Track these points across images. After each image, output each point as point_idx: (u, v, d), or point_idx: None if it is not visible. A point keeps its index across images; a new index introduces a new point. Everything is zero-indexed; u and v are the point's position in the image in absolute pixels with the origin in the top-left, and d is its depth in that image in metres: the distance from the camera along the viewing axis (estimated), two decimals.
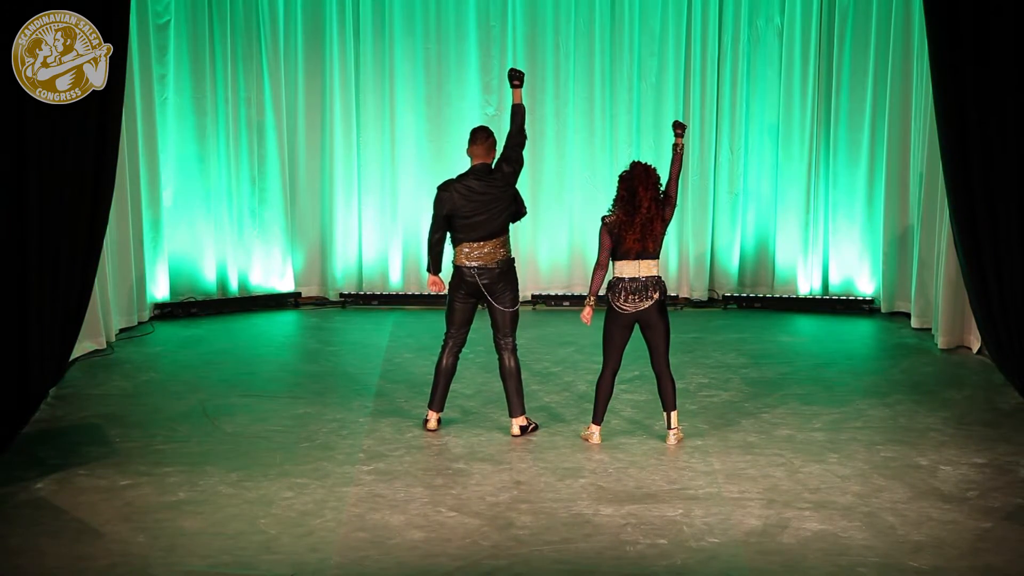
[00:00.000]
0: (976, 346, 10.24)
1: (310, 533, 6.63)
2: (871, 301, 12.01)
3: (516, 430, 8.25)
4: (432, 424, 8.36)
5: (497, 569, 6.23)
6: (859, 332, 11.33)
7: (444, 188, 8.15)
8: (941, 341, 10.48)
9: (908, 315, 11.42)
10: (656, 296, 7.88)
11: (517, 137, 8.17)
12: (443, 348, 8.36)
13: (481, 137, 8.17)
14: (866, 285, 12.11)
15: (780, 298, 12.21)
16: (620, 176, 7.85)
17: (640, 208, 7.74)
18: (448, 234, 8.22)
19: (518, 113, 8.21)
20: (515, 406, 8.27)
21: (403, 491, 7.22)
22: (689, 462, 7.72)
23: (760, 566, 6.28)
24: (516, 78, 8.24)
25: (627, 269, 7.86)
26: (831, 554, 6.41)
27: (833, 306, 12.06)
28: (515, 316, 8.26)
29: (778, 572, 6.23)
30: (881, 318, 11.74)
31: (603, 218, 7.89)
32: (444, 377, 8.35)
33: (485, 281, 8.12)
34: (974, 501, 7.12)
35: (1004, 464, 7.72)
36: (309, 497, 7.12)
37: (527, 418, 8.32)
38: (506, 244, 8.18)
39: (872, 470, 7.60)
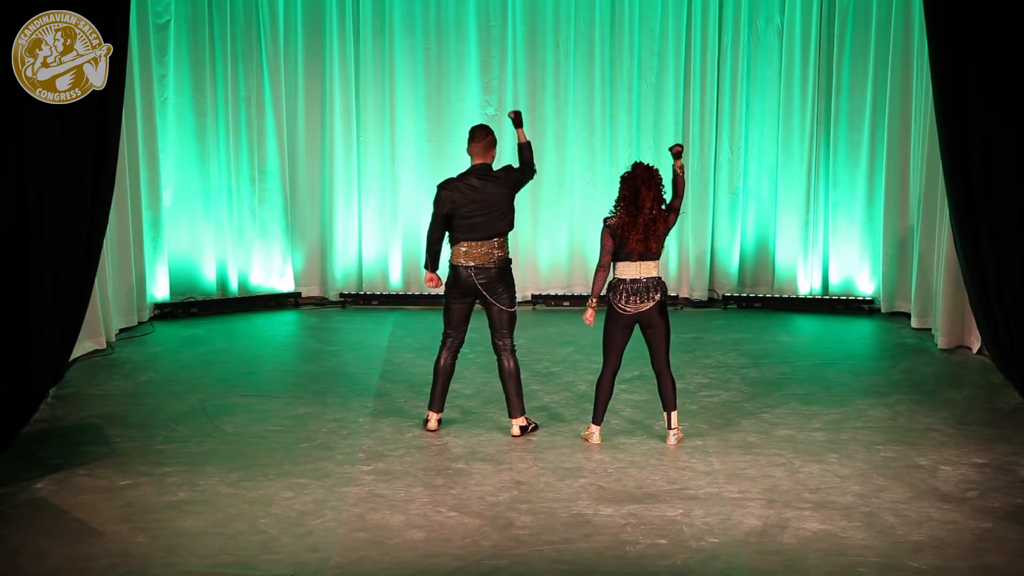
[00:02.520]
0: (976, 346, 10.24)
1: (310, 533, 6.63)
2: (871, 301, 12.01)
3: (516, 431, 8.24)
4: (432, 424, 8.35)
5: (497, 569, 6.23)
6: (859, 332, 11.33)
7: (445, 187, 8.14)
8: (941, 341, 10.48)
9: (908, 315, 11.42)
10: (657, 297, 7.88)
11: (529, 166, 8.29)
12: (441, 348, 8.36)
13: (480, 135, 8.16)
14: (866, 285, 12.11)
15: (780, 298, 12.21)
16: (622, 177, 7.84)
17: (643, 208, 7.73)
18: (447, 234, 8.23)
19: (526, 149, 8.31)
20: (515, 407, 8.26)
21: (403, 491, 7.22)
22: (689, 462, 7.72)
23: (760, 566, 6.28)
24: (516, 119, 8.35)
25: (628, 270, 7.86)
26: (831, 554, 6.41)
27: (833, 306, 12.06)
28: (513, 316, 8.25)
29: (778, 572, 6.23)
30: (881, 318, 11.74)
31: (605, 219, 7.88)
32: (443, 377, 8.34)
33: (482, 281, 8.11)
34: (974, 501, 7.12)
35: (1004, 464, 7.72)
36: (309, 497, 7.12)
37: (527, 418, 8.32)
38: (504, 245, 8.17)
39: (872, 470, 7.60)
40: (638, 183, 7.74)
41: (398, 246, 12.33)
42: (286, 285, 12.34)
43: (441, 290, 8.39)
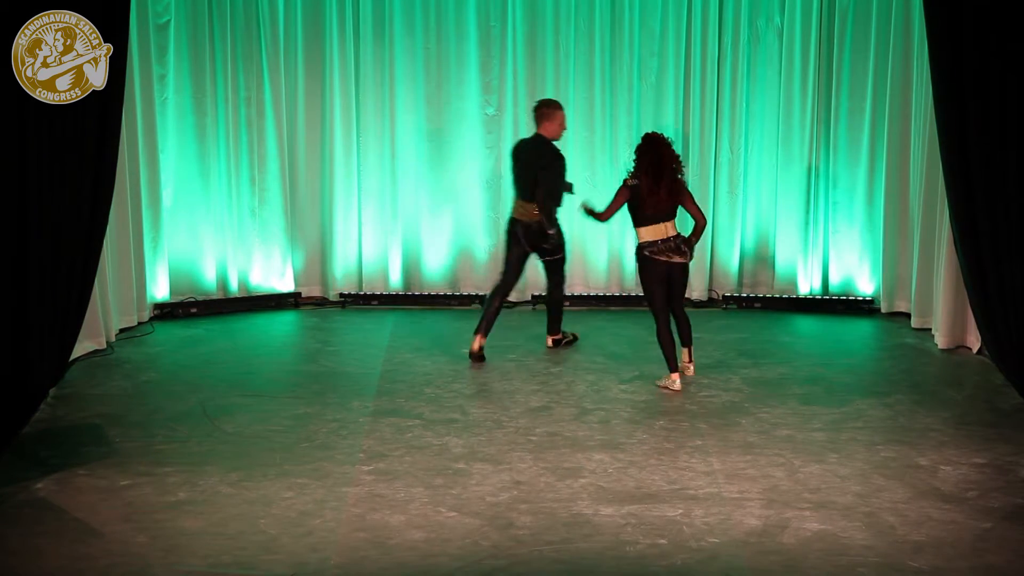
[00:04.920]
0: (976, 346, 10.23)
1: (310, 533, 6.63)
2: (871, 301, 12.00)
3: (550, 342, 10.28)
4: (475, 346, 9.77)
5: (497, 569, 6.24)
6: (859, 332, 11.32)
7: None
8: (941, 341, 10.47)
9: (908, 315, 11.42)
10: (688, 252, 8.96)
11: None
12: (495, 289, 9.95)
13: (538, 107, 9.85)
14: (866, 285, 12.10)
15: (780, 298, 12.20)
16: (638, 148, 8.82)
17: (669, 167, 8.69)
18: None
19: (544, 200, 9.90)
20: (552, 327, 10.29)
21: (403, 491, 7.22)
22: (689, 462, 7.72)
23: (760, 566, 6.28)
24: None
25: (655, 232, 8.85)
26: (831, 554, 6.41)
27: (833, 306, 12.05)
28: (557, 263, 9.99)
29: (778, 572, 6.23)
30: (881, 318, 11.73)
31: (625, 180, 8.81)
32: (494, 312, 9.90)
33: (525, 235, 9.72)
34: (974, 501, 7.12)
35: (1004, 464, 7.72)
36: (309, 497, 7.12)
37: (557, 337, 10.27)
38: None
39: (872, 470, 7.60)
40: (658, 146, 8.70)
41: (398, 246, 12.32)
42: (286, 285, 12.33)
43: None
